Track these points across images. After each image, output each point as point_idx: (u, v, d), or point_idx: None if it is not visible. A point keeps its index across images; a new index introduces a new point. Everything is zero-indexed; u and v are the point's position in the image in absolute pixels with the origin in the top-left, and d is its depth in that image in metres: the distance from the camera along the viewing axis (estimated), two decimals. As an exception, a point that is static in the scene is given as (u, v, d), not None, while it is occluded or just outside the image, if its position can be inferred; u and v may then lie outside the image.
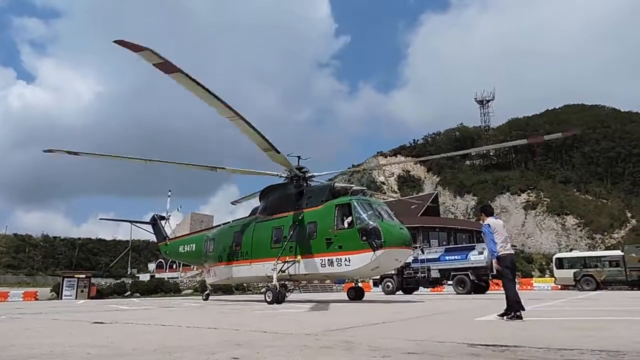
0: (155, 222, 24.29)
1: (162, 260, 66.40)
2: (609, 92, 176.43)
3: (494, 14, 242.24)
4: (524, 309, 6.34)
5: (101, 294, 30.72)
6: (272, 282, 14.59)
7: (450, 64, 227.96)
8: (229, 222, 20.17)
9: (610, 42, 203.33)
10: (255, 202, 18.82)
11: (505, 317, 6.39)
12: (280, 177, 16.74)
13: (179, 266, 57.68)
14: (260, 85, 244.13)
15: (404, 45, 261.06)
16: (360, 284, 17.79)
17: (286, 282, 16.21)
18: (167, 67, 9.80)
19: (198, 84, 10.57)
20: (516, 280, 6.89)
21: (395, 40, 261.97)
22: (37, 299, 29.29)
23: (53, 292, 31.02)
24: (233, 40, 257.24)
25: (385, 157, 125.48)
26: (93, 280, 33.13)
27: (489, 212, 7.13)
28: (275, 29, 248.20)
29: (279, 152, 14.01)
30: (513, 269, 6.70)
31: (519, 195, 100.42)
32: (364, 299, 16.48)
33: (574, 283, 27.15)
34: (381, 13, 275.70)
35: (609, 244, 75.80)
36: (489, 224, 6.79)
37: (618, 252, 27.92)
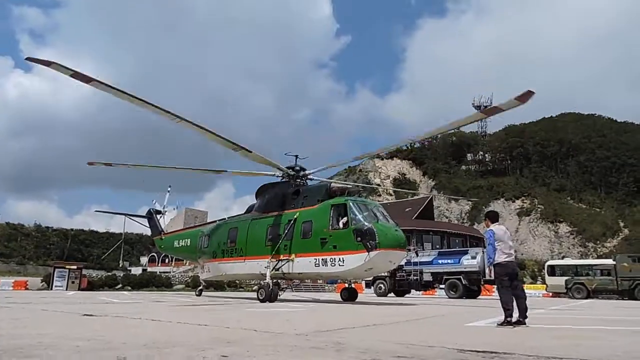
0: (151, 216, 24.25)
1: (155, 254, 66.19)
2: (604, 101, 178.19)
3: (490, 21, 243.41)
4: (511, 316, 6.36)
5: (92, 286, 30.61)
6: (265, 279, 14.58)
7: (448, 69, 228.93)
8: (225, 218, 20.15)
9: (606, 51, 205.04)
10: (251, 200, 18.83)
11: (496, 324, 6.39)
12: (277, 176, 16.73)
13: (172, 260, 57.51)
14: (260, 84, 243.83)
15: (401, 48, 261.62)
16: (353, 285, 17.80)
17: (279, 281, 16.20)
18: (80, 77, 9.96)
19: (118, 89, 10.55)
20: (522, 287, 6.85)
21: (394, 43, 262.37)
22: (27, 289, 29.13)
23: (44, 282, 30.88)
24: (233, 38, 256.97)
25: (382, 159, 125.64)
26: (84, 271, 33.00)
27: (494, 219, 7.02)
28: (276, 28, 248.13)
29: (250, 152, 13.85)
30: (513, 277, 6.66)
31: (514, 201, 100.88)
32: (357, 300, 16.48)
33: (565, 291, 27.30)
34: (381, 15, 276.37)
35: (601, 253, 76.34)
36: (493, 231, 6.70)
37: (610, 261, 28.09)
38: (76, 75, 10.02)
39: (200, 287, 20.93)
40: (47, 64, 9.66)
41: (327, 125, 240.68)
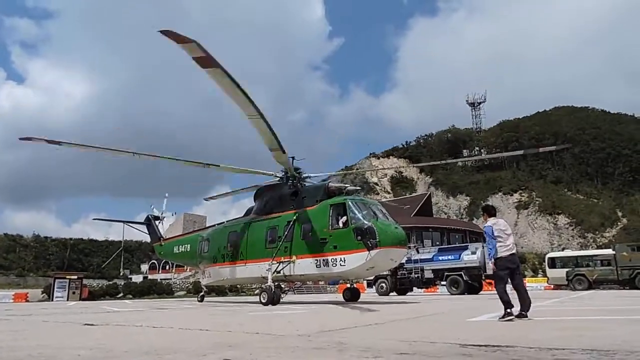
0: (149, 222, 24.13)
1: (155, 262, 66.00)
2: (598, 96, 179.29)
3: (482, 19, 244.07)
4: (512, 306, 6.34)
5: (93, 296, 30.48)
6: (267, 283, 14.55)
7: (441, 67, 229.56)
8: (224, 222, 20.07)
9: (598, 47, 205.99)
10: (250, 202, 18.80)
11: (498, 318, 6.38)
12: (275, 177, 16.69)
13: (172, 267, 57.41)
14: (256, 85, 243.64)
15: (394, 48, 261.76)
16: (355, 285, 17.74)
17: (281, 283, 16.16)
18: (207, 61, 9.70)
19: (235, 82, 10.45)
20: (522, 279, 6.86)
21: (386, 43, 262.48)
22: (27, 301, 28.99)
23: (44, 294, 30.73)
24: (229, 39, 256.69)
25: (378, 158, 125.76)
26: (85, 281, 32.87)
27: (491, 212, 7.00)
28: (271, 30, 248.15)
29: (284, 152, 13.99)
30: (514, 270, 6.65)
31: (511, 195, 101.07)
32: (359, 300, 16.42)
33: (566, 282, 27.38)
34: (374, 16, 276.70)
35: (601, 243, 76.50)
36: (492, 226, 6.67)
37: (609, 251, 28.19)
38: (204, 59, 9.77)
39: (202, 293, 20.79)
40: (186, 40, 9.07)
41: (322, 127, 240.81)
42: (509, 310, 6.30)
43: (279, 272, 14.72)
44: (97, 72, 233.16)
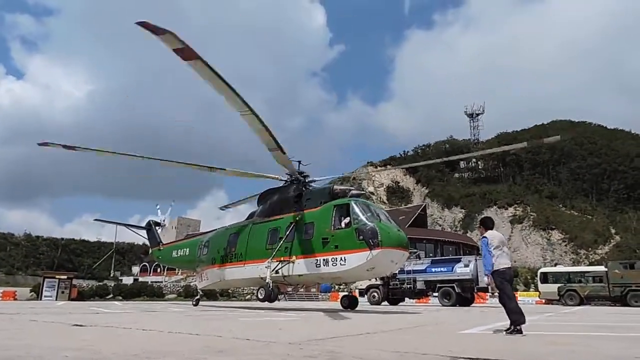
0: (150, 228, 24.20)
1: (147, 264, 65.59)
2: (594, 108, 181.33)
3: (477, 32, 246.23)
4: (524, 322, 6.14)
5: (82, 296, 30.23)
6: (265, 282, 14.47)
7: (438, 78, 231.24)
8: (226, 226, 19.95)
9: (594, 60, 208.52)
10: (247, 208, 18.75)
11: (504, 332, 6.21)
12: (280, 180, 16.66)
13: (163, 270, 56.96)
14: (255, 91, 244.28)
15: (391, 58, 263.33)
16: (352, 293, 17.64)
17: (278, 285, 15.98)
18: (187, 53, 9.55)
19: (217, 75, 10.31)
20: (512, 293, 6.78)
21: (386, 53, 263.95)
22: (15, 299, 28.72)
23: (33, 293, 30.46)
24: (229, 45, 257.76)
25: (376, 167, 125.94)
26: (75, 281, 32.58)
27: (488, 225, 6.85)
28: (272, 36, 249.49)
29: (284, 153, 13.82)
30: (509, 283, 6.54)
31: (506, 209, 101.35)
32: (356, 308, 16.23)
33: (558, 298, 27.46)
34: (374, 25, 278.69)
35: (593, 260, 76.73)
36: (486, 237, 6.57)
37: (601, 268, 28.34)
38: (183, 51, 9.46)
39: (198, 297, 20.52)
40: (161, 32, 8.71)
41: (320, 134, 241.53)
42: (517, 327, 6.04)
43: (277, 272, 14.60)
44: (95, 72, 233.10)
